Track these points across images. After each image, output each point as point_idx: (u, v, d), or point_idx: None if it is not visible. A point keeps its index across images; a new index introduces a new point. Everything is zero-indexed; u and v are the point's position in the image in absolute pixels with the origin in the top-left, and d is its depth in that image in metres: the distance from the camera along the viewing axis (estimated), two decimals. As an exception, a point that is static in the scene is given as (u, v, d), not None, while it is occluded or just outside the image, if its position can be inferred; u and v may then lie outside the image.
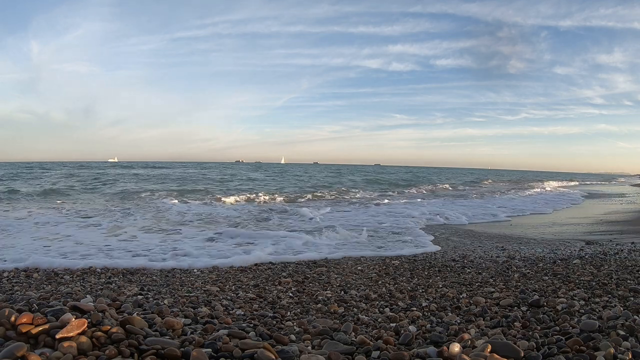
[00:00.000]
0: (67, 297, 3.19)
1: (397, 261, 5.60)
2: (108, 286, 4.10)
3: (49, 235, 7.19)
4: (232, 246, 6.67)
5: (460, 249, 6.69)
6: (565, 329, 2.33)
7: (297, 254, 6.18)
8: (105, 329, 1.68)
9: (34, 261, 5.12)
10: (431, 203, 15.78)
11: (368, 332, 2.60)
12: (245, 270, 5.05)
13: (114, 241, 6.85)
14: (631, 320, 2.31)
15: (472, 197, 19.45)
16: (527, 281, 4.16)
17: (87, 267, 4.99)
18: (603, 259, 5.39)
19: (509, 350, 1.78)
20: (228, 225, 8.89)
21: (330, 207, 13.11)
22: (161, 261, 5.50)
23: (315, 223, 9.54)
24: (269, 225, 9.33)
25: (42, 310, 1.83)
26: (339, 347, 1.95)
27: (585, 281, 3.99)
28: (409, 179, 36.62)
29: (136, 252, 6.03)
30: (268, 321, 2.79)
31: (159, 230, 8.14)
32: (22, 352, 1.43)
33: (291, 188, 22.67)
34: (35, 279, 4.40)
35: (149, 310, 2.47)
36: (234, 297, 3.65)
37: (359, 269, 5.14)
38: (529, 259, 5.56)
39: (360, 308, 3.34)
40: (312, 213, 11.08)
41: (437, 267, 5.15)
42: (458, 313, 3.09)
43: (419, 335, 2.41)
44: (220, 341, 1.76)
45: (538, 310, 2.95)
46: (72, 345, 1.52)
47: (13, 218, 9.34)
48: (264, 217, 10.58)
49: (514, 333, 2.40)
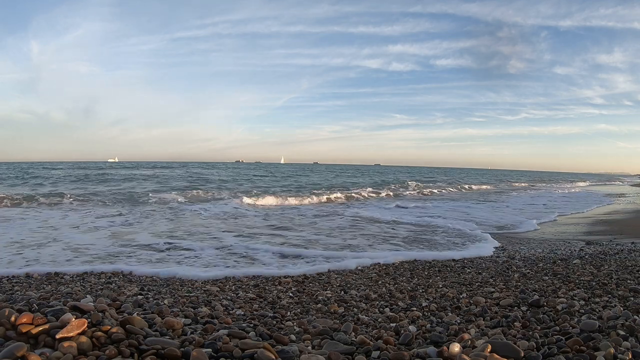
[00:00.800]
0: (67, 297, 3.19)
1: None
2: (108, 286, 4.10)
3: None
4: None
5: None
6: (565, 329, 2.33)
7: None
8: (106, 329, 1.68)
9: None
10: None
11: (368, 332, 2.60)
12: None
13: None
14: (631, 320, 2.31)
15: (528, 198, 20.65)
16: (527, 281, 4.16)
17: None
18: (603, 259, 5.39)
19: (509, 350, 1.77)
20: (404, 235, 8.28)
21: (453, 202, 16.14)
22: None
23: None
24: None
25: (42, 310, 1.83)
26: (339, 347, 1.95)
27: (585, 281, 3.99)
28: (435, 177, 39.69)
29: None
30: (268, 321, 2.79)
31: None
32: (22, 352, 1.43)
33: (340, 186, 23.86)
34: (35, 279, 4.40)
35: (149, 310, 2.47)
36: (234, 297, 3.65)
37: (358, 269, 5.14)
38: (529, 259, 5.56)
39: (360, 308, 3.34)
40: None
41: (437, 267, 5.15)
42: (458, 313, 3.08)
43: (419, 335, 2.41)
44: (221, 341, 1.76)
45: (538, 310, 2.95)
46: (72, 345, 1.52)
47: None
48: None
49: (514, 333, 2.40)
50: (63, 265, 5.12)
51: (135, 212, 11.01)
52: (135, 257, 5.67)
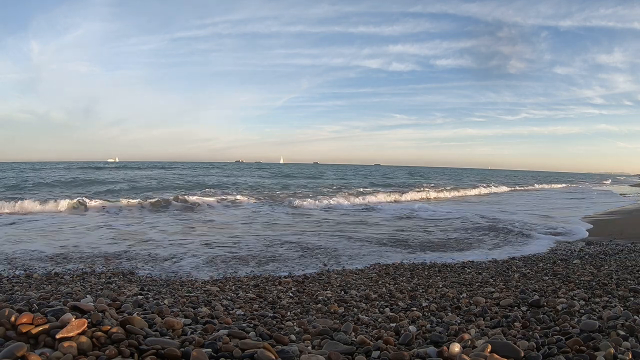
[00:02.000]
0: (67, 297, 3.19)
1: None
2: (108, 286, 4.10)
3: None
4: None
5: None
6: (565, 329, 2.33)
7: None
8: (106, 329, 1.68)
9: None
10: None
11: (368, 332, 2.59)
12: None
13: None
14: (631, 321, 2.31)
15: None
16: (527, 281, 4.16)
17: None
18: (603, 259, 5.39)
19: (509, 350, 1.77)
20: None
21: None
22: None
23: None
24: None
25: (42, 310, 1.83)
26: (339, 347, 1.95)
27: (586, 281, 3.99)
28: (454, 178, 41.31)
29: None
30: (268, 321, 2.79)
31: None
32: (22, 352, 1.43)
33: (384, 187, 24.78)
34: (35, 279, 4.40)
35: (149, 310, 2.47)
36: (234, 297, 3.65)
37: (358, 268, 5.14)
38: (529, 259, 5.56)
39: (360, 308, 3.33)
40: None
41: (437, 267, 5.15)
42: (458, 313, 3.08)
43: (419, 335, 2.41)
44: (221, 341, 1.76)
45: (538, 310, 2.95)
46: (72, 345, 1.52)
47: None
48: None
49: (514, 333, 2.40)
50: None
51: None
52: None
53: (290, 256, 5.95)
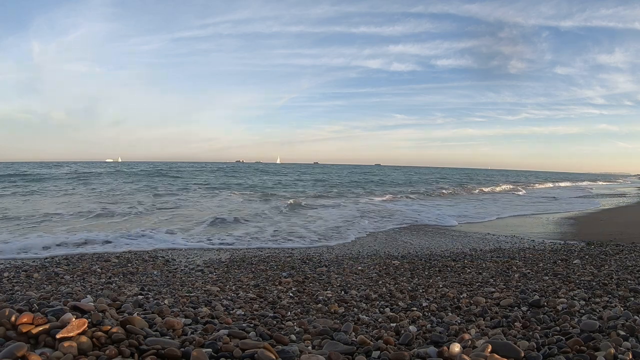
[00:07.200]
0: (67, 297, 3.19)
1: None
2: (108, 286, 4.10)
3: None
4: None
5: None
6: (565, 329, 2.33)
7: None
8: (106, 329, 1.68)
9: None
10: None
11: (368, 332, 2.59)
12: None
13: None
14: (631, 321, 2.31)
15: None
16: (527, 281, 4.16)
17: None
18: (603, 259, 5.38)
19: (509, 351, 1.77)
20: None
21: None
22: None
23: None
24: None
25: (42, 310, 1.83)
26: (339, 347, 1.95)
27: (586, 281, 3.98)
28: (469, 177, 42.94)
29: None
30: (268, 321, 2.79)
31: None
32: (22, 352, 1.43)
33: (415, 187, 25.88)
34: (35, 279, 4.40)
35: (149, 310, 2.47)
36: (235, 297, 3.65)
37: (359, 268, 5.14)
38: (529, 259, 5.55)
39: (360, 308, 3.33)
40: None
41: (437, 267, 5.15)
42: (458, 313, 3.08)
43: (420, 335, 2.41)
44: (221, 341, 1.76)
45: (538, 310, 2.95)
46: (72, 345, 1.52)
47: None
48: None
49: (514, 333, 2.40)
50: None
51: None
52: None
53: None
